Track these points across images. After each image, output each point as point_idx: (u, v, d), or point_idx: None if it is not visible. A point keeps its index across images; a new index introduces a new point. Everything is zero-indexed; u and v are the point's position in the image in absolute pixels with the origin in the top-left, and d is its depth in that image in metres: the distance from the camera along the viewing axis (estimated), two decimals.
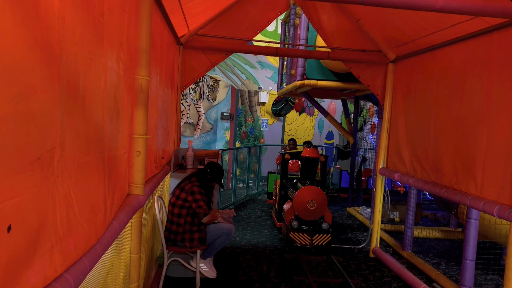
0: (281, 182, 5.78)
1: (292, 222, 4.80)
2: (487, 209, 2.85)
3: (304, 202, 4.78)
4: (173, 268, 3.81)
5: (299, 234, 4.79)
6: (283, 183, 5.72)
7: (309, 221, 4.87)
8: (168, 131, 3.99)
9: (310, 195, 4.81)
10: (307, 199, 4.77)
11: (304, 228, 4.84)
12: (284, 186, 5.66)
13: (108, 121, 1.65)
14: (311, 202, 4.76)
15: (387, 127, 4.75)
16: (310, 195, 4.81)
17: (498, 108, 2.89)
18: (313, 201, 4.77)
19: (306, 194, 4.81)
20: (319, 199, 4.81)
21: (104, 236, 1.54)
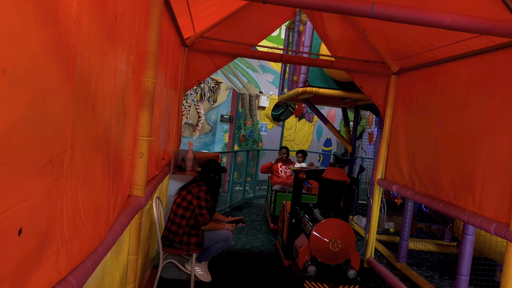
0: (293, 208, 4.39)
1: (308, 266, 3.55)
2: (484, 227, 2.86)
3: (325, 240, 3.54)
4: (167, 269, 3.80)
5: (317, 284, 3.54)
6: (295, 210, 4.37)
7: (330, 266, 3.62)
8: (170, 132, 3.99)
9: (334, 231, 3.57)
10: (329, 237, 3.53)
11: (324, 275, 3.59)
12: (296, 213, 4.35)
13: (115, 123, 1.65)
14: (335, 241, 3.51)
15: (387, 138, 4.77)
16: (334, 231, 3.57)
17: (499, 126, 2.91)
18: (337, 240, 3.52)
19: (328, 230, 3.58)
20: (346, 238, 3.56)
21: (106, 238, 1.54)
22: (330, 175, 3.83)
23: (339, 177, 3.80)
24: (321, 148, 12.51)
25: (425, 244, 5.47)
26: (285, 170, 6.70)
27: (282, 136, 10.94)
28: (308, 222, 3.93)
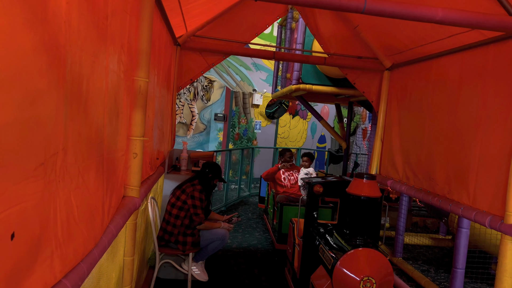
0: (307, 230, 3.53)
1: None
2: (479, 220, 2.88)
3: (355, 279, 2.63)
4: (164, 270, 3.79)
5: None
6: (310, 233, 3.53)
7: None
8: (163, 132, 3.97)
9: (367, 266, 2.69)
10: (360, 274, 2.63)
11: None
12: (311, 237, 3.49)
13: (108, 124, 1.63)
14: (368, 280, 2.61)
15: (381, 134, 4.78)
16: (366, 266, 2.69)
17: (492, 120, 2.92)
18: (371, 279, 2.61)
19: (358, 265, 2.70)
20: (382, 276, 2.69)
21: (102, 240, 1.52)
22: (358, 189, 2.97)
23: (370, 193, 2.94)
24: (315, 145, 12.53)
25: (420, 238, 5.50)
26: (288, 177, 5.77)
27: (277, 134, 10.95)
28: (329, 251, 3.06)
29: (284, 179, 5.75)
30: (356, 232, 2.99)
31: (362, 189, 2.98)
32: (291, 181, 5.73)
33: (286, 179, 5.75)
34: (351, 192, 3.01)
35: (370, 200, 2.98)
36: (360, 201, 2.97)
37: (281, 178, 5.73)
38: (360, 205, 2.98)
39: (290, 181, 5.72)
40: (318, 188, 3.49)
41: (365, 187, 2.99)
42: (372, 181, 3.04)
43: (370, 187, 3.00)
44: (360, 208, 2.99)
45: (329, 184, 3.53)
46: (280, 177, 5.74)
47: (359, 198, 2.96)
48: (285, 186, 5.67)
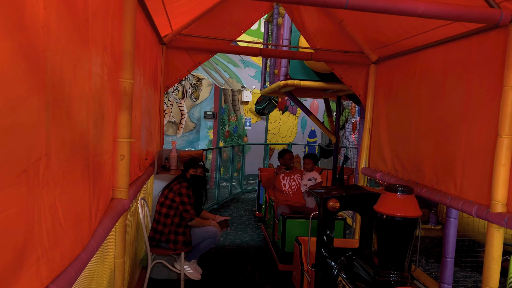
0: (320, 257, 2.86)
1: None
2: (465, 209, 2.93)
3: None
4: (157, 270, 3.79)
5: None
6: (324, 259, 2.86)
7: None
8: (152, 132, 3.95)
9: None
10: None
11: None
12: (325, 266, 2.85)
13: (92, 127, 1.63)
14: None
15: (369, 127, 4.82)
16: None
17: (477, 110, 2.97)
18: None
19: None
20: None
21: (90, 243, 1.52)
22: (390, 207, 2.29)
23: (408, 212, 2.26)
24: (306, 140, 12.57)
25: None
26: (290, 183, 4.95)
27: (267, 130, 10.96)
28: (351, 285, 2.56)
29: (285, 186, 4.92)
30: (388, 262, 2.33)
31: (396, 207, 2.28)
32: (293, 187, 4.92)
33: (287, 186, 4.92)
34: (381, 211, 2.31)
35: (408, 221, 2.26)
36: (394, 223, 2.25)
37: (281, 185, 4.94)
38: (394, 228, 2.26)
39: (292, 188, 4.91)
40: (333, 204, 2.78)
41: (401, 204, 2.29)
42: (409, 196, 2.33)
43: (406, 204, 2.30)
44: (394, 232, 2.27)
45: (347, 198, 2.85)
46: (280, 184, 4.94)
47: (393, 219, 2.25)
48: (287, 194, 4.88)
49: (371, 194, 2.86)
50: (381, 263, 2.41)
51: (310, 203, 4.84)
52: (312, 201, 4.81)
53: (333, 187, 3.50)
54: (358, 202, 2.95)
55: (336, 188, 3.32)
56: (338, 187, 3.50)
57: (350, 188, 3.27)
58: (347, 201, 2.91)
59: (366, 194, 2.91)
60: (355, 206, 3.04)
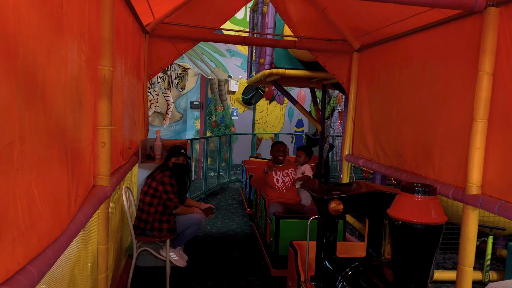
0: (321, 267, 2.42)
1: None
2: (443, 192, 3.01)
3: None
4: (143, 258, 3.82)
5: None
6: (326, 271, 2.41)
7: None
8: (135, 121, 3.95)
9: None
10: None
11: None
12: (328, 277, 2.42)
13: (70, 114, 1.64)
14: None
15: (352, 115, 4.88)
16: None
17: (454, 96, 3.03)
18: None
19: None
20: None
21: (69, 228, 1.54)
22: (408, 212, 1.86)
23: (429, 218, 1.82)
24: (293, 129, 12.63)
25: None
26: (283, 178, 4.46)
27: (254, 120, 10.99)
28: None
29: (277, 181, 4.42)
30: (405, 277, 1.94)
31: (415, 212, 1.84)
32: (286, 183, 4.43)
33: (280, 181, 4.42)
34: (397, 217, 1.88)
35: (430, 229, 1.81)
36: (413, 231, 1.83)
37: (273, 180, 4.42)
38: (413, 237, 1.84)
39: (286, 183, 4.43)
40: (336, 206, 2.34)
41: (421, 208, 1.84)
42: (431, 197, 1.86)
43: (428, 207, 1.84)
44: (413, 242, 1.86)
45: (352, 199, 2.42)
46: (272, 180, 4.42)
47: (410, 226, 1.83)
48: (280, 190, 4.39)
49: (380, 193, 2.44)
50: (396, 278, 1.99)
51: (306, 199, 4.43)
52: (308, 197, 4.43)
53: (334, 185, 2.88)
54: (365, 204, 2.46)
55: (338, 187, 2.77)
56: (339, 185, 2.88)
57: (354, 187, 2.71)
58: (352, 202, 2.42)
59: (375, 194, 2.44)
60: (362, 208, 2.49)
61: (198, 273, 3.80)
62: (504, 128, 2.55)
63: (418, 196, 1.89)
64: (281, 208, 4.10)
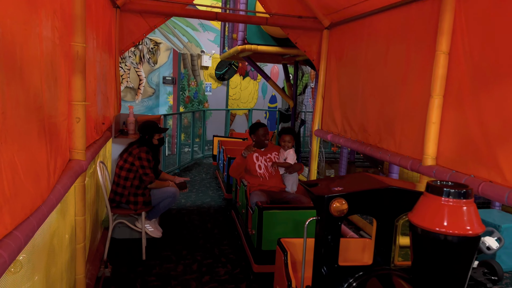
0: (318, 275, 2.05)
1: None
2: (402, 164, 3.24)
3: None
4: (119, 230, 3.93)
5: None
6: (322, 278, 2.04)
7: None
8: (108, 97, 3.97)
9: None
10: None
11: None
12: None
13: (46, 90, 1.70)
14: None
15: (322, 91, 5.04)
16: None
17: (415, 73, 3.22)
18: None
19: None
20: None
21: (49, 198, 1.64)
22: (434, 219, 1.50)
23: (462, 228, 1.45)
24: (266, 105, 12.75)
25: None
26: (265, 163, 4.05)
27: (228, 96, 11.02)
28: None
29: (259, 167, 4.01)
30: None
31: (444, 219, 1.47)
32: (269, 169, 4.03)
33: (262, 167, 4.01)
34: (421, 225, 1.52)
35: (464, 241, 1.45)
36: (441, 243, 1.48)
37: (255, 167, 4.00)
38: (441, 250, 1.49)
39: (268, 169, 4.02)
40: (340, 205, 1.94)
41: (452, 214, 1.48)
42: (465, 201, 1.48)
43: (461, 214, 1.47)
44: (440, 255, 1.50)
45: (359, 197, 2.01)
46: (253, 166, 4.00)
47: (437, 237, 1.47)
48: (262, 177, 3.98)
49: (393, 190, 2.02)
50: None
51: (291, 186, 4.05)
52: (294, 184, 4.06)
53: (335, 178, 2.53)
54: (375, 202, 2.04)
55: (338, 180, 2.37)
56: (340, 177, 2.54)
57: (359, 180, 2.24)
58: (359, 200, 2.02)
59: (387, 191, 2.02)
60: (370, 207, 2.07)
61: (173, 244, 3.96)
62: (457, 104, 2.76)
63: (449, 200, 1.48)
64: (264, 197, 3.65)
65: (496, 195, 2.34)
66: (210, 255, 3.78)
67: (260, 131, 4.11)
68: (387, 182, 2.17)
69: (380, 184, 2.12)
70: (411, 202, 1.72)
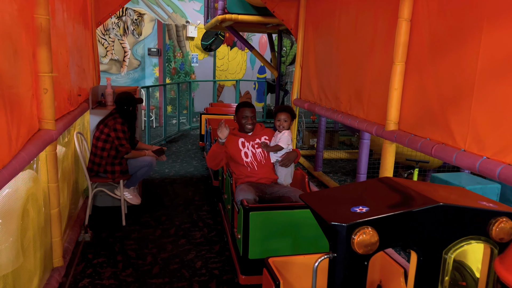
0: None
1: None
2: (368, 129, 3.37)
3: None
4: (100, 198, 4.08)
5: None
6: None
7: None
8: (84, 69, 4.02)
9: None
10: None
11: None
12: None
13: (4, 61, 1.78)
14: None
15: (300, 60, 5.10)
16: None
17: (381, 42, 3.29)
18: None
19: None
20: None
21: (11, 163, 1.74)
22: None
23: None
24: (255, 76, 12.74)
25: (337, 153, 6.14)
26: (253, 150, 3.29)
27: (215, 67, 11.00)
28: None
29: (246, 155, 3.25)
30: None
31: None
32: (258, 157, 3.27)
33: (249, 155, 3.26)
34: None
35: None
36: None
37: (240, 155, 3.25)
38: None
39: (257, 158, 3.27)
40: (367, 238, 1.30)
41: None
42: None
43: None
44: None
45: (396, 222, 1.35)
46: (238, 153, 3.25)
47: None
48: (250, 167, 3.24)
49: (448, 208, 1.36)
50: None
51: (284, 177, 3.31)
52: (286, 175, 3.32)
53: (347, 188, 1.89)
54: (418, 228, 1.37)
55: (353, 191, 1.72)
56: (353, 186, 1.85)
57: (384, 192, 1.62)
58: (396, 228, 1.36)
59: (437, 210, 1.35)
60: (411, 236, 1.39)
61: (154, 211, 4.12)
62: (417, 70, 2.85)
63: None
64: (251, 192, 2.94)
65: (446, 156, 2.47)
66: (188, 220, 3.95)
67: (242, 111, 3.29)
68: (424, 190, 1.51)
69: (424, 200, 1.40)
70: (472, 223, 1.29)
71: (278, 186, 3.23)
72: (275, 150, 3.30)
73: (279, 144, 3.29)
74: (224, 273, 3.02)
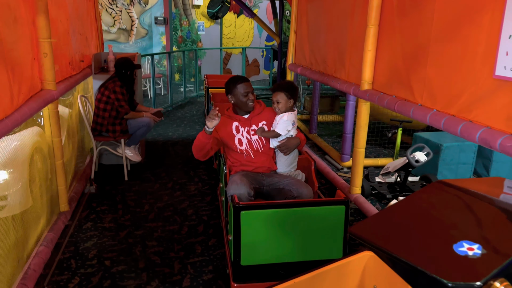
0: None
1: None
2: (347, 90, 3.59)
3: None
4: (106, 157, 4.46)
5: None
6: None
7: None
8: (87, 37, 4.31)
9: None
10: None
11: None
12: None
13: (4, 27, 2.08)
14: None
15: (294, 26, 5.26)
16: None
17: (359, 6, 3.46)
18: None
19: None
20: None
21: (13, 115, 2.07)
22: None
23: None
24: (263, 44, 12.82)
25: (330, 116, 6.40)
26: (248, 136, 2.77)
27: (222, 34, 11.13)
28: None
29: (240, 142, 2.77)
30: None
31: None
32: (254, 143, 2.78)
33: (243, 142, 2.77)
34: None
35: None
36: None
37: (233, 142, 2.77)
38: None
39: (254, 145, 2.77)
40: None
41: None
42: None
43: None
44: None
45: None
46: (231, 139, 2.77)
47: None
48: (245, 154, 2.77)
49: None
50: None
51: (284, 165, 2.81)
52: (286, 162, 2.80)
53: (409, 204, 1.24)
54: None
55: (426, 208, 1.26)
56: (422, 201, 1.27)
57: (465, 210, 1.22)
58: None
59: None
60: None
61: (155, 168, 4.48)
62: (389, 32, 3.04)
63: None
64: (245, 184, 2.45)
65: (405, 111, 2.70)
66: (185, 176, 4.30)
67: (241, 88, 2.71)
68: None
69: None
70: None
71: (279, 177, 2.71)
72: (271, 136, 2.75)
73: (276, 131, 2.72)
74: (212, 219, 3.37)
